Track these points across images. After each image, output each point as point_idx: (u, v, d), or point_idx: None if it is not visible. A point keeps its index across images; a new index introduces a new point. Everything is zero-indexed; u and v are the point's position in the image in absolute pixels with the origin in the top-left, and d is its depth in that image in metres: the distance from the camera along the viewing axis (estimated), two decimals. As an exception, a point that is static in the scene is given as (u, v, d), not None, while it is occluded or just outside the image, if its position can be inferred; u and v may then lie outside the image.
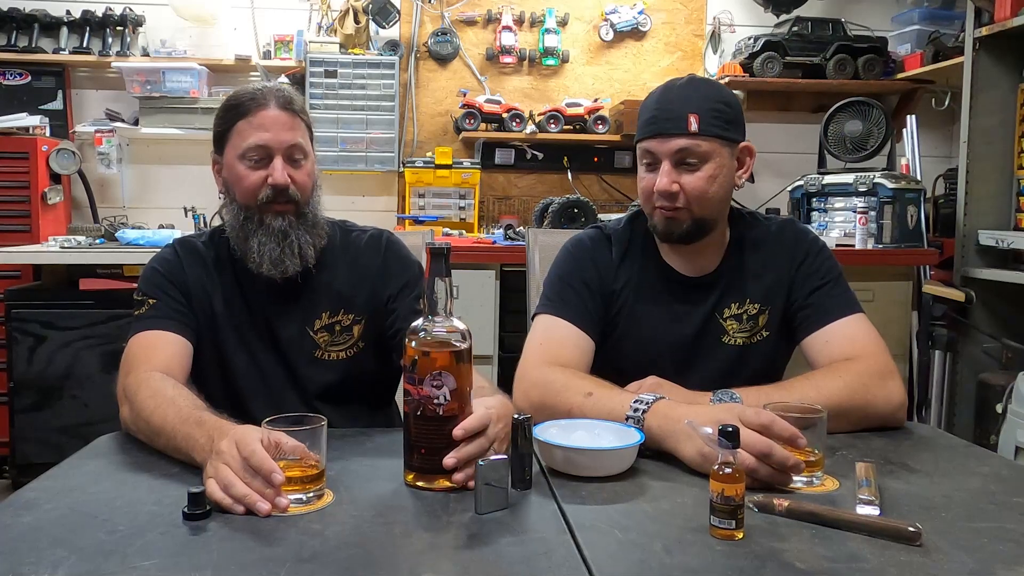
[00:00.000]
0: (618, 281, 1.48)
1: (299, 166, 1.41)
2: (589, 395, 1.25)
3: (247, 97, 1.39)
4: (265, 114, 1.37)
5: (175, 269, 1.44)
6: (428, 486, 1.03)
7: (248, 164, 1.38)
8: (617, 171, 3.79)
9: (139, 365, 1.29)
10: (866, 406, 1.29)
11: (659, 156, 1.38)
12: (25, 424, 2.95)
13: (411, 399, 1.04)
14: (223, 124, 1.41)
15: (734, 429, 0.93)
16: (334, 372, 1.47)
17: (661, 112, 1.38)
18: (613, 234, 1.52)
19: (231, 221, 1.43)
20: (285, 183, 1.38)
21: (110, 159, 3.51)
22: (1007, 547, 0.88)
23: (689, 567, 0.83)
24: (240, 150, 1.38)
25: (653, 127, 1.38)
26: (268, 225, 1.39)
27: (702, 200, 1.38)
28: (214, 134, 1.44)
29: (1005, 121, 3.09)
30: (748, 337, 1.46)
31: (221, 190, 1.45)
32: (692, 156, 1.36)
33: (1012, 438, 2.58)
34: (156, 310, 1.38)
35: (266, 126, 1.37)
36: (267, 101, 1.38)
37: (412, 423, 1.04)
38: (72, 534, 0.89)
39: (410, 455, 1.06)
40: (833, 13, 3.75)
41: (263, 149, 1.37)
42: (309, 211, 1.43)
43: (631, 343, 1.47)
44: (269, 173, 1.37)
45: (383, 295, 1.48)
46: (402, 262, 1.52)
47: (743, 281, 1.47)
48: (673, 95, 1.39)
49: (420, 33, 3.71)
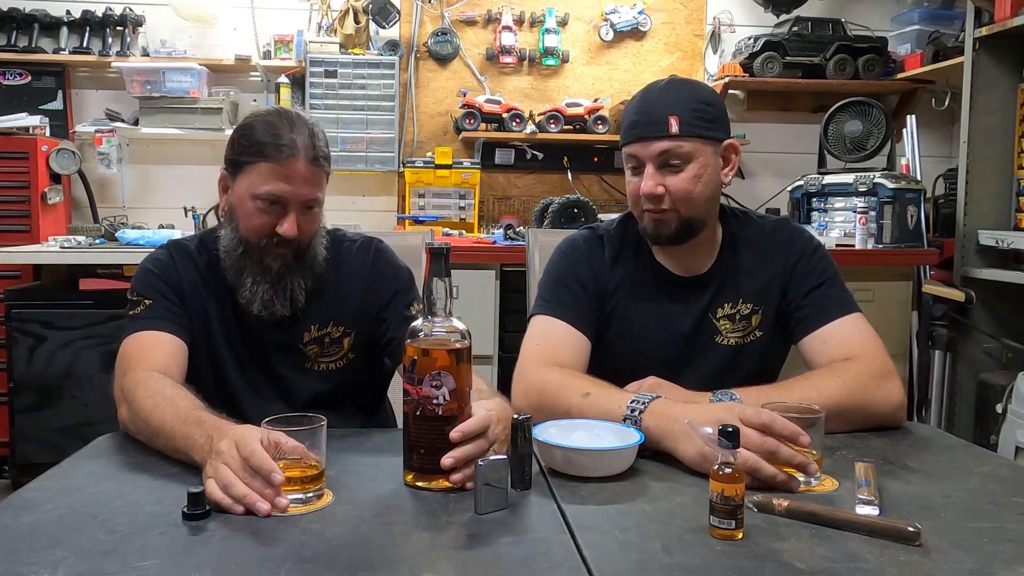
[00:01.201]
0: (612, 281, 1.48)
1: (311, 214, 1.39)
2: (587, 395, 1.25)
3: (279, 141, 1.33)
4: (293, 166, 1.33)
5: (169, 270, 1.43)
6: (427, 486, 1.03)
7: (260, 206, 1.34)
8: (617, 171, 3.79)
9: (136, 365, 1.29)
10: (865, 406, 1.28)
11: (643, 159, 1.39)
12: (25, 424, 2.95)
13: (410, 399, 1.04)
14: (244, 155, 1.36)
15: (734, 429, 0.93)
16: (324, 382, 1.46)
17: (642, 116, 1.39)
18: (606, 235, 1.52)
19: (228, 245, 1.40)
20: (294, 236, 1.35)
21: (110, 159, 3.51)
22: (1007, 547, 0.88)
23: (689, 567, 0.83)
24: (257, 191, 1.34)
25: (635, 131, 1.39)
26: (266, 266, 1.37)
27: (688, 200, 1.38)
28: (229, 155, 1.40)
29: (1005, 121, 3.09)
30: (741, 337, 1.46)
31: (224, 208, 1.43)
32: (675, 157, 1.37)
33: (1012, 438, 2.58)
34: (152, 310, 1.37)
35: (289, 179, 1.33)
36: (297, 154, 1.33)
37: (411, 423, 1.04)
38: (72, 534, 0.89)
39: (409, 455, 1.06)
40: (833, 13, 3.75)
41: (281, 199, 1.34)
42: (309, 253, 1.41)
43: (625, 343, 1.47)
44: (279, 223, 1.34)
45: (373, 305, 1.47)
46: (391, 270, 1.50)
47: (736, 281, 1.47)
48: (652, 98, 1.40)
49: (420, 33, 3.71)
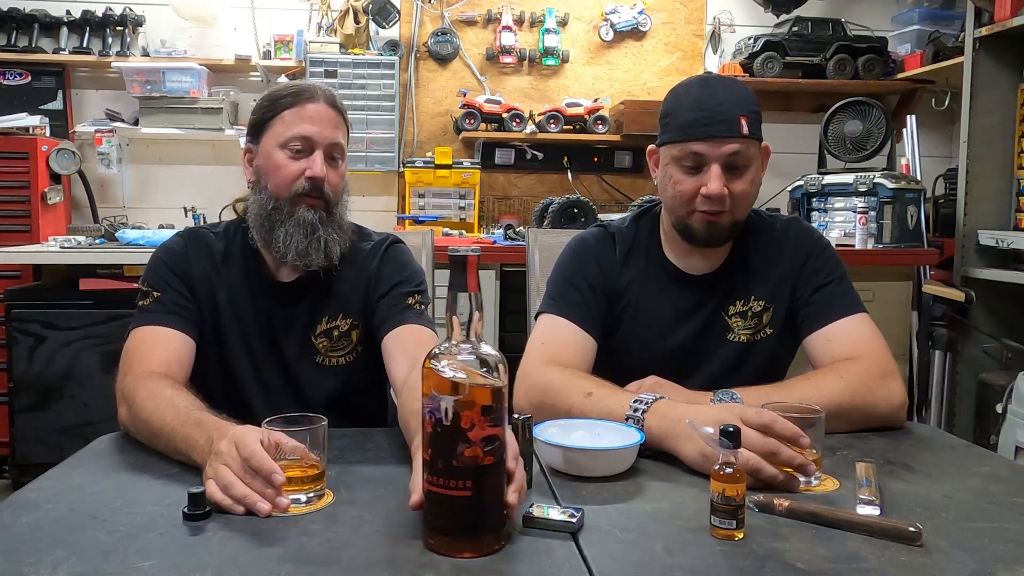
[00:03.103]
0: (622, 279, 1.48)
1: (336, 166, 1.42)
2: (589, 395, 1.24)
3: (296, 89, 1.40)
4: (314, 107, 1.38)
5: (181, 260, 1.43)
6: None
7: (288, 153, 1.38)
8: (617, 171, 3.79)
9: (137, 365, 1.29)
10: (866, 407, 1.29)
11: (709, 159, 1.34)
12: (25, 424, 2.94)
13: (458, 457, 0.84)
14: (266, 112, 1.40)
15: (735, 429, 0.92)
16: (334, 378, 1.46)
17: (711, 114, 1.33)
18: (617, 232, 1.52)
19: (257, 210, 1.41)
20: (323, 176, 1.38)
21: (110, 159, 3.51)
22: (1007, 547, 0.88)
23: (689, 567, 0.83)
24: (283, 139, 1.37)
25: (704, 129, 1.33)
26: (298, 217, 1.38)
27: (746, 204, 1.38)
28: (252, 122, 1.43)
29: (1005, 121, 3.09)
30: (752, 334, 1.46)
31: (250, 180, 1.45)
32: (742, 159, 1.35)
33: (1012, 438, 2.58)
34: (160, 304, 1.37)
35: (313, 119, 1.37)
36: (316, 96, 1.39)
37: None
38: (72, 534, 0.89)
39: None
40: (833, 13, 3.75)
41: (306, 140, 1.37)
42: (337, 212, 1.43)
43: (636, 341, 1.47)
44: (308, 166, 1.37)
45: (373, 296, 1.47)
46: (399, 265, 1.50)
47: (748, 278, 1.47)
48: (721, 96, 1.35)
49: (420, 33, 3.71)
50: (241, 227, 1.46)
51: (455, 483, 0.84)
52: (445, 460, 0.84)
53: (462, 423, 0.83)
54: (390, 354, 1.38)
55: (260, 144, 1.41)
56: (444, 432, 0.83)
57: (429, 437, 0.85)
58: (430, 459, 0.85)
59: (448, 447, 0.83)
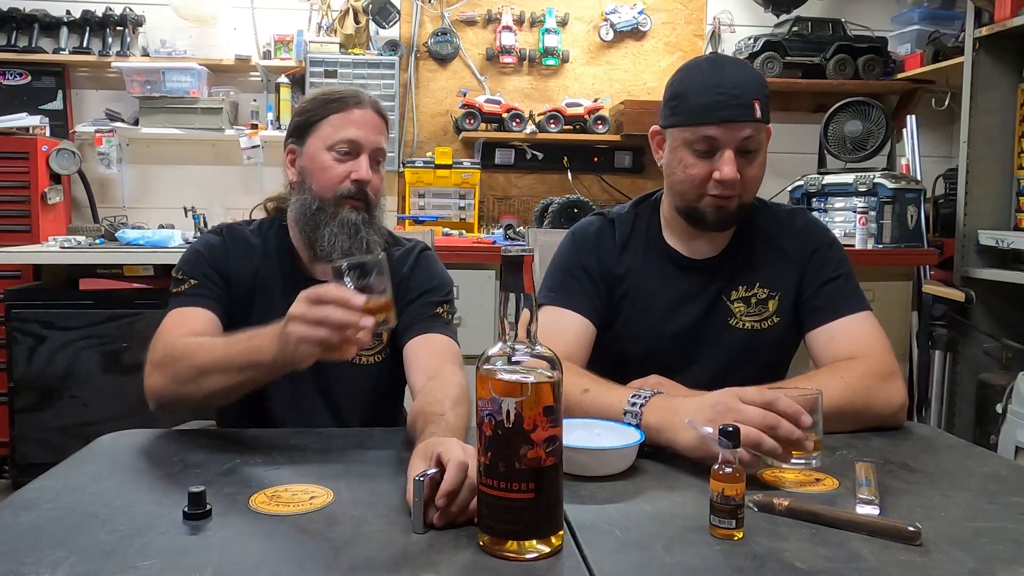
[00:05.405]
0: (622, 265, 1.48)
1: (378, 170, 1.45)
2: (586, 391, 1.24)
3: (344, 93, 1.44)
4: (361, 113, 1.42)
5: (220, 256, 1.45)
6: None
7: (335, 156, 1.41)
8: (617, 171, 3.79)
9: (167, 336, 1.31)
10: (867, 407, 1.28)
11: (723, 143, 1.32)
12: (25, 424, 2.94)
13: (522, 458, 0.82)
14: (312, 115, 1.44)
15: (734, 429, 0.93)
16: (363, 377, 1.47)
17: (726, 97, 1.30)
18: (617, 219, 1.51)
19: (300, 210, 1.44)
20: (369, 179, 1.41)
21: (110, 159, 3.51)
22: (1007, 547, 0.88)
23: (689, 567, 0.83)
24: (330, 141, 1.41)
25: (720, 112, 1.30)
26: (343, 218, 1.41)
27: (755, 187, 1.38)
28: (296, 124, 1.46)
29: (1005, 121, 3.09)
30: (757, 322, 1.45)
31: (293, 179, 1.47)
32: (752, 143, 1.33)
33: (1012, 438, 2.58)
34: (195, 290, 1.40)
35: (359, 124, 1.42)
36: (364, 102, 1.43)
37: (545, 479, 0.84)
38: (72, 534, 0.89)
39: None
40: (833, 13, 3.75)
41: (354, 144, 1.41)
42: (377, 215, 1.46)
43: (637, 327, 1.46)
44: (353, 168, 1.41)
45: (402, 301, 1.46)
46: (429, 274, 1.51)
47: (751, 264, 1.46)
48: (735, 78, 1.32)
49: (420, 33, 3.71)
50: (275, 224, 1.50)
51: (518, 486, 0.82)
52: (507, 463, 0.82)
53: (524, 424, 0.81)
54: (412, 361, 1.40)
55: (305, 146, 1.44)
56: (505, 434, 0.82)
57: (488, 440, 0.83)
58: (489, 463, 0.83)
59: (510, 449, 0.82)
